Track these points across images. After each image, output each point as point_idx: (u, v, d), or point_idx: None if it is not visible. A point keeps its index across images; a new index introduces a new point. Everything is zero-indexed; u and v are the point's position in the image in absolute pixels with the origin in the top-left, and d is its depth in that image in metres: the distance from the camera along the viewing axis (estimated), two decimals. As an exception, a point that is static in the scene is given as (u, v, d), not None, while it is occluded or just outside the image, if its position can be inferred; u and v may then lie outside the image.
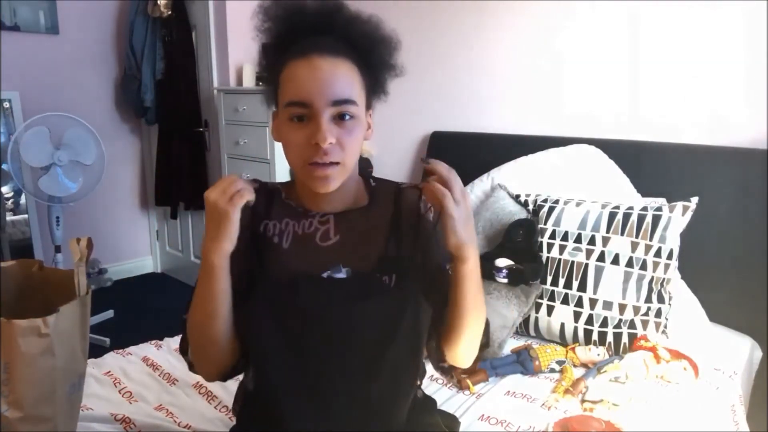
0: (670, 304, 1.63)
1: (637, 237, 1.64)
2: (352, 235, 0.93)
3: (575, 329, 1.66)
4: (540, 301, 1.71)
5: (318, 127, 0.81)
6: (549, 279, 1.71)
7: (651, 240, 1.63)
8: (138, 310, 3.23)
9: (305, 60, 0.82)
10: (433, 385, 1.49)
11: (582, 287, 1.66)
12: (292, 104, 0.83)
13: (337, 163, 0.84)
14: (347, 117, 0.83)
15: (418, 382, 1.05)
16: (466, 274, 0.85)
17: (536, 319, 1.72)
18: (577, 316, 1.66)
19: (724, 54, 1.84)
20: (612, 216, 1.69)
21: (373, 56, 0.88)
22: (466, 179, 2.23)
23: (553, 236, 1.75)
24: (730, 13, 1.81)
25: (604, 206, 1.73)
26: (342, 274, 0.90)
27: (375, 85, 0.91)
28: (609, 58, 2.09)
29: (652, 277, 1.62)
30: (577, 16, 2.15)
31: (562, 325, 1.68)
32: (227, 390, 1.42)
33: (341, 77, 0.83)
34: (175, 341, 1.68)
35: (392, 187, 0.99)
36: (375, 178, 1.01)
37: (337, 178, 0.85)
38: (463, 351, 0.92)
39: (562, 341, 1.69)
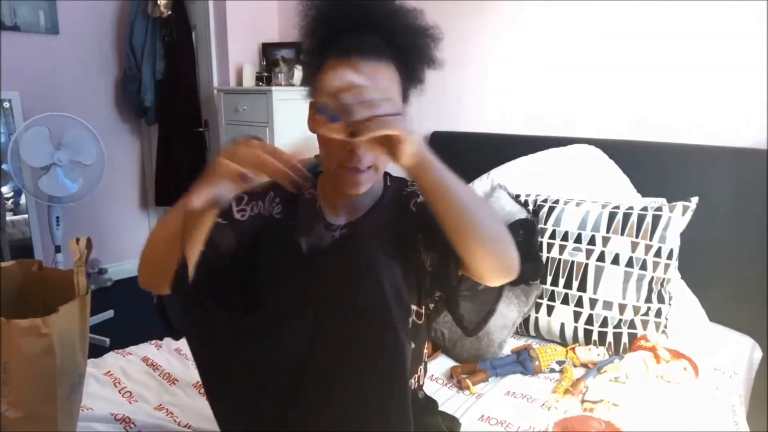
0: (670, 304, 1.63)
1: (637, 237, 1.64)
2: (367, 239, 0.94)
3: (575, 329, 1.66)
4: (540, 301, 1.71)
5: None
6: (549, 279, 1.71)
7: (651, 240, 1.63)
8: (138, 310, 3.22)
9: (347, 63, 0.82)
10: (433, 385, 1.49)
11: (582, 287, 1.66)
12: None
13: (370, 167, 0.86)
14: None
15: (420, 382, 1.05)
16: (441, 184, 0.71)
17: (536, 319, 1.72)
18: (577, 316, 1.66)
19: (724, 54, 1.84)
20: (612, 216, 1.69)
21: (415, 50, 0.88)
22: (466, 179, 2.22)
23: (553, 236, 1.74)
24: (730, 13, 1.81)
25: (604, 206, 1.73)
26: None
27: (413, 79, 0.92)
28: (609, 58, 2.09)
29: (652, 277, 1.62)
30: (576, 16, 2.16)
31: (562, 325, 1.68)
32: (227, 390, 1.42)
33: (381, 84, 0.82)
34: (175, 341, 1.68)
35: (400, 190, 1.01)
36: (391, 176, 1.03)
37: (368, 181, 0.88)
38: (490, 255, 0.78)
39: (562, 341, 1.69)
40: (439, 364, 1.60)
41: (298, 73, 2.95)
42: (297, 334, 0.76)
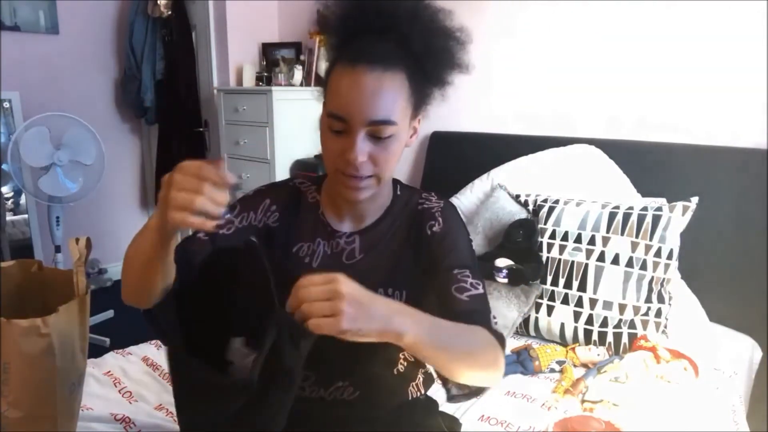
0: (670, 304, 1.63)
1: (637, 237, 1.64)
2: (375, 252, 0.94)
3: (575, 329, 1.66)
4: (540, 301, 1.71)
5: (352, 144, 0.81)
6: (549, 279, 1.71)
7: (651, 240, 1.63)
8: (138, 310, 3.21)
9: (352, 71, 0.80)
10: (433, 385, 1.48)
11: (582, 287, 1.66)
12: (331, 115, 0.82)
13: (370, 176, 0.84)
14: (384, 136, 0.82)
15: (421, 390, 1.04)
16: (412, 348, 0.69)
17: (536, 319, 1.72)
18: (577, 316, 1.66)
19: (724, 54, 1.84)
20: (612, 216, 1.69)
21: (434, 54, 0.86)
22: (466, 179, 2.23)
23: (553, 236, 1.74)
24: (730, 13, 1.81)
25: (604, 206, 1.73)
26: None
27: (432, 83, 0.90)
28: (609, 58, 2.09)
29: (652, 277, 1.62)
30: (577, 16, 2.16)
31: (562, 325, 1.68)
32: (227, 390, 1.42)
33: (384, 95, 0.80)
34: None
35: (414, 203, 0.97)
36: (402, 185, 1.00)
37: (368, 189, 0.86)
38: (466, 381, 0.81)
39: (562, 341, 1.69)
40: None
41: (298, 73, 2.95)
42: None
